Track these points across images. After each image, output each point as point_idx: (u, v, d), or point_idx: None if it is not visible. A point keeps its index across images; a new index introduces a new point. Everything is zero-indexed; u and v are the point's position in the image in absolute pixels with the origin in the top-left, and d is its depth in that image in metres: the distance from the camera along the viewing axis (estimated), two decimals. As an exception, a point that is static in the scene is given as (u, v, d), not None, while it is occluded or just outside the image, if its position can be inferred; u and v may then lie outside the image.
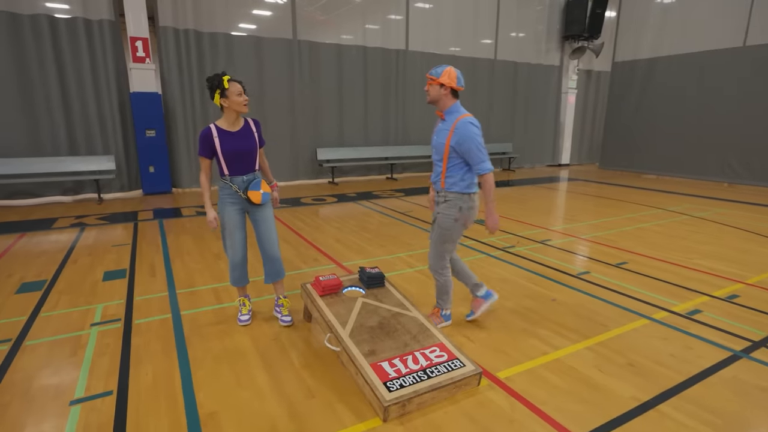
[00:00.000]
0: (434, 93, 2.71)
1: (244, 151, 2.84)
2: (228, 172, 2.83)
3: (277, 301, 3.18)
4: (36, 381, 2.40)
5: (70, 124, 7.59)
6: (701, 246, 5.07)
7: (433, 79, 2.69)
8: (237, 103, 2.71)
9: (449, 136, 2.69)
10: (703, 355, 2.72)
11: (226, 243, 2.97)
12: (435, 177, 2.87)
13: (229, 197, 2.88)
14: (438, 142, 2.80)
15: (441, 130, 2.78)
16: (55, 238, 5.34)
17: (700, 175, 10.51)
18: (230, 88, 2.68)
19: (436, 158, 2.83)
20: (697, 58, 10.29)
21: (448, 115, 2.75)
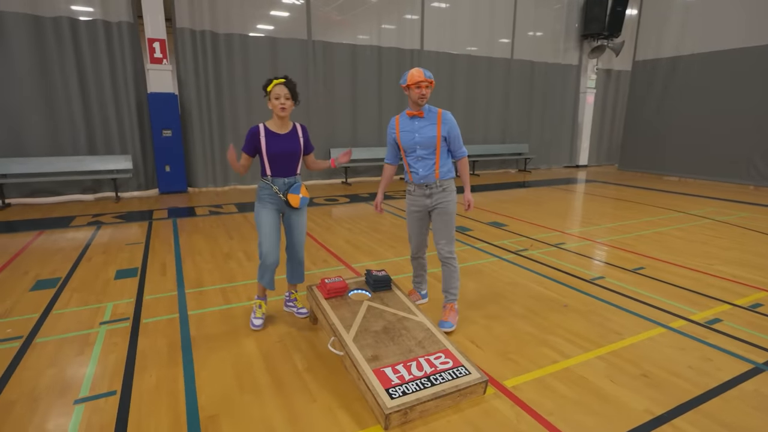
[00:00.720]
0: (429, 94, 2.84)
1: (288, 153, 2.87)
2: (270, 172, 2.87)
3: (289, 296, 3.27)
4: (43, 379, 2.42)
5: (89, 124, 7.75)
6: (723, 252, 4.88)
7: (431, 82, 2.81)
8: (273, 105, 2.77)
9: (438, 127, 2.85)
10: (723, 367, 2.60)
11: (260, 244, 2.92)
12: (426, 171, 2.91)
13: (268, 197, 2.89)
14: (427, 137, 2.87)
15: (424, 127, 2.88)
16: (72, 235, 5.44)
17: (724, 177, 10.17)
18: (272, 92, 2.75)
19: (424, 153, 2.90)
20: (721, 57, 9.96)
21: (427, 112, 2.90)
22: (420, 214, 3.07)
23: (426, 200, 2.99)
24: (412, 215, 3.11)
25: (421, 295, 3.46)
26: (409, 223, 3.17)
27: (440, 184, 2.94)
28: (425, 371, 2.29)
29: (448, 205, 2.96)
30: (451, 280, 3.07)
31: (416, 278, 3.45)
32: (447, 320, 3.01)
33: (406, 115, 2.94)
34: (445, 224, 2.99)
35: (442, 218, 2.98)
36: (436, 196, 2.95)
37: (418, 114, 2.88)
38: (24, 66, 7.09)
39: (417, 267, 3.39)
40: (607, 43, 12.29)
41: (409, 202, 3.10)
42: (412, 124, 2.91)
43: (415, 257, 3.33)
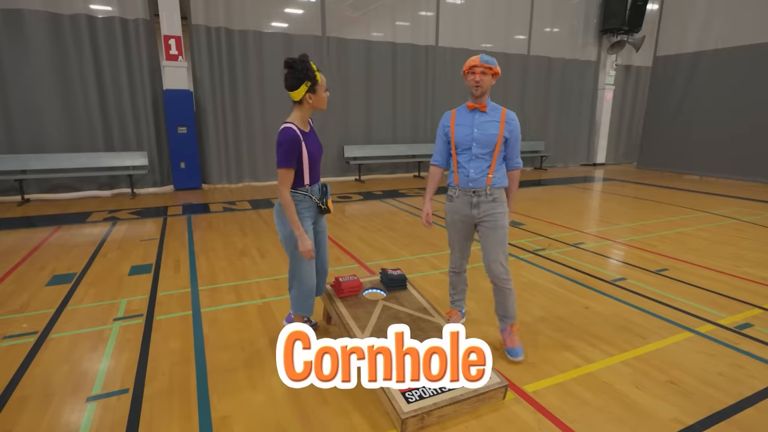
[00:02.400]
0: (488, 84, 2.44)
1: (319, 154, 2.50)
2: (309, 181, 2.43)
3: (314, 324, 2.97)
4: (56, 376, 2.41)
5: (106, 121, 7.82)
6: (751, 253, 4.70)
7: (491, 68, 2.41)
8: (324, 99, 2.35)
9: (501, 126, 2.48)
10: (756, 374, 2.47)
11: (302, 267, 2.48)
12: (477, 174, 2.51)
13: (307, 211, 2.45)
14: (487, 134, 2.48)
15: (486, 122, 2.49)
16: (89, 231, 5.48)
17: (749, 176, 9.84)
18: (321, 83, 2.31)
19: (481, 152, 2.50)
20: (746, 52, 9.62)
21: (489, 106, 2.51)
22: (463, 224, 2.66)
23: (471, 210, 2.57)
24: (454, 225, 2.70)
25: (461, 314, 3.03)
26: (451, 234, 2.78)
27: (490, 192, 2.53)
28: (442, 374, 2.21)
29: (499, 218, 2.55)
30: (507, 302, 2.64)
31: (456, 295, 2.99)
32: (515, 346, 2.61)
33: (465, 108, 2.56)
34: (498, 241, 2.56)
35: (493, 234, 2.56)
36: (484, 207, 2.55)
37: (480, 107, 2.50)
38: (43, 63, 7.17)
39: (458, 282, 2.94)
40: (626, 39, 12.00)
41: (451, 209, 2.68)
42: (471, 118, 2.53)
43: (458, 271, 2.89)
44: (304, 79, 2.27)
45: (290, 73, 2.28)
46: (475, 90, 2.45)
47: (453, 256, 2.86)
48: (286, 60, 2.29)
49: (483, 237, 2.62)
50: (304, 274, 2.51)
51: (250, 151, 9.06)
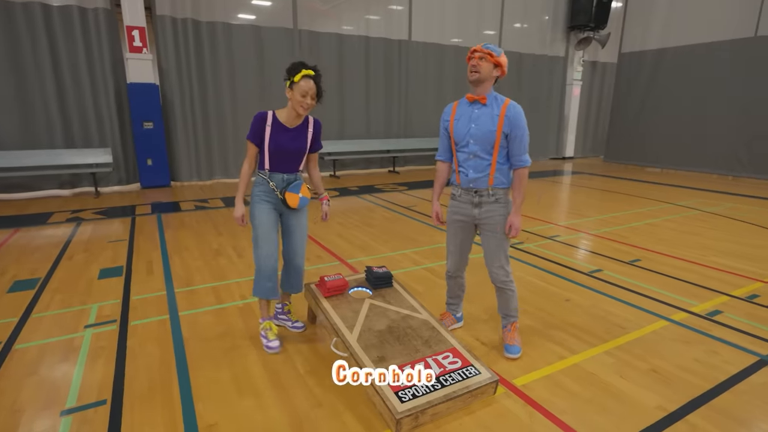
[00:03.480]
0: (486, 71, 2.28)
1: (293, 150, 2.56)
2: (269, 167, 2.57)
3: (282, 308, 2.91)
4: (25, 389, 2.26)
5: (65, 116, 7.42)
6: (716, 242, 4.92)
7: (491, 55, 2.27)
8: (296, 101, 2.43)
9: (500, 120, 2.31)
10: (729, 360, 2.59)
11: (256, 245, 2.60)
12: (477, 173, 2.40)
13: (264, 194, 2.60)
14: (484, 131, 2.34)
15: (483, 116, 2.34)
16: (51, 233, 5.19)
17: (706, 168, 10.34)
18: (299, 83, 2.39)
19: (479, 149, 2.37)
20: (706, 49, 10.07)
21: (490, 100, 2.36)
22: (464, 224, 2.57)
23: (473, 210, 2.48)
24: (453, 225, 2.61)
25: (456, 318, 2.94)
26: (449, 235, 2.67)
27: (493, 192, 2.41)
28: (434, 372, 2.20)
29: (501, 220, 2.44)
30: (509, 303, 2.64)
31: (452, 299, 2.90)
32: (514, 344, 2.61)
33: (465, 100, 2.42)
34: (499, 244, 2.49)
35: (494, 237, 2.48)
36: (486, 207, 2.44)
37: (480, 99, 2.34)
38: (-6, 54, 6.72)
39: (454, 287, 2.84)
40: (593, 35, 12.32)
41: (452, 209, 2.59)
42: (470, 112, 2.39)
43: (453, 276, 2.78)
44: (288, 75, 2.45)
45: (286, 69, 2.49)
46: (470, 75, 2.32)
47: (450, 259, 2.73)
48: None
49: (484, 239, 2.55)
50: (260, 255, 2.58)
51: (221, 146, 8.80)
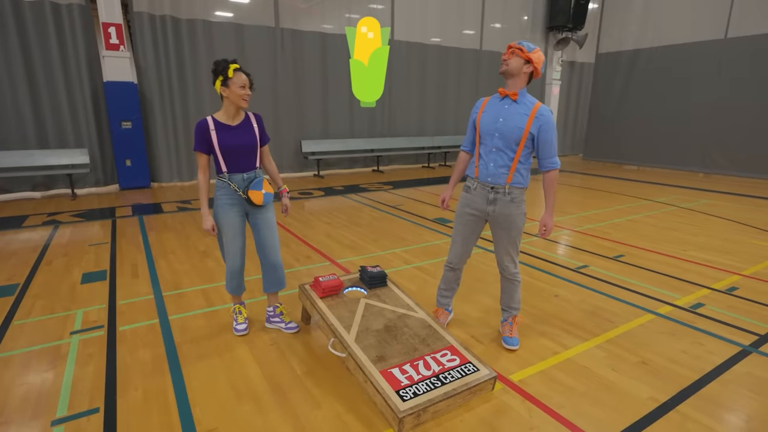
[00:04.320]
0: (515, 66, 2.31)
1: (244, 145, 2.58)
2: (226, 169, 2.57)
3: (274, 311, 2.90)
4: (12, 399, 2.18)
5: (38, 116, 7.15)
6: (694, 237, 5.09)
7: (522, 50, 2.30)
8: (237, 95, 2.46)
9: (530, 120, 2.32)
10: (714, 351, 2.68)
11: (223, 249, 2.71)
12: (498, 168, 2.41)
13: (227, 198, 2.60)
14: (511, 126, 2.35)
15: (514, 113, 2.36)
16: (27, 237, 5.00)
17: (680, 165, 10.68)
18: (234, 78, 2.44)
19: (503, 144, 2.38)
20: (679, 50, 10.39)
21: (522, 98, 2.38)
22: (474, 218, 2.58)
23: (486, 206, 2.49)
24: (463, 217, 2.61)
25: (448, 311, 2.97)
26: (457, 226, 2.67)
27: (509, 191, 2.43)
28: (433, 370, 2.21)
29: (515, 219, 2.47)
30: (514, 294, 2.71)
31: (446, 292, 2.90)
32: (513, 336, 2.69)
33: (497, 95, 2.45)
34: (511, 242, 2.54)
35: (507, 234, 2.52)
36: (500, 204, 2.45)
37: (510, 95, 2.37)
38: (-39, 51, 6.44)
39: (451, 280, 2.85)
40: (571, 36, 12.57)
41: (464, 201, 2.59)
42: (500, 107, 2.41)
43: (454, 267, 2.79)
44: (218, 74, 2.47)
45: (212, 69, 2.52)
46: (501, 68, 2.38)
47: (453, 250, 2.74)
48: (216, 60, 2.54)
49: (496, 235, 2.58)
50: (226, 253, 2.69)
51: (202, 146, 8.63)
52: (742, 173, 9.67)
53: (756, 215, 6.25)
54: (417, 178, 9.61)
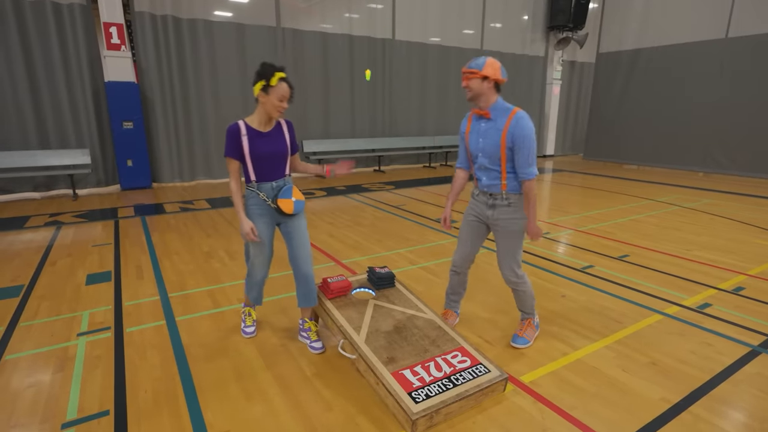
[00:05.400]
0: (476, 87, 2.34)
1: (275, 153, 2.49)
2: (255, 177, 2.48)
3: (303, 324, 2.76)
4: (21, 402, 2.16)
5: (39, 116, 7.13)
6: (698, 237, 5.09)
7: (474, 73, 2.32)
8: (273, 106, 2.36)
9: (503, 136, 2.35)
10: (723, 351, 2.68)
11: (249, 257, 2.64)
12: (490, 181, 2.48)
13: (257, 207, 2.51)
14: (489, 144, 2.40)
15: (489, 130, 2.40)
16: (30, 237, 4.98)
17: (681, 165, 10.69)
18: (276, 87, 2.32)
19: (488, 162, 2.45)
20: (680, 50, 10.40)
21: (494, 111, 2.39)
22: (477, 222, 2.64)
23: (487, 211, 2.55)
24: (467, 220, 2.69)
25: (456, 314, 3.01)
26: (463, 230, 2.73)
27: (506, 197, 2.47)
28: (444, 371, 2.21)
29: (512, 224, 2.50)
30: (524, 301, 2.71)
31: (453, 296, 2.94)
32: (522, 335, 2.71)
33: (474, 113, 2.50)
34: (509, 247, 2.57)
35: (506, 240, 2.55)
36: (499, 210, 2.50)
37: (483, 114, 2.41)
38: (-38, 51, 6.41)
39: (456, 284, 2.88)
40: (572, 35, 12.57)
41: (469, 206, 2.68)
42: (479, 126, 2.46)
43: (457, 271, 2.82)
44: (261, 77, 2.34)
45: (256, 71, 2.38)
46: (466, 95, 2.41)
47: (456, 252, 2.79)
48: (263, 62, 2.41)
49: (497, 241, 2.62)
50: (253, 263, 2.64)
51: (203, 146, 8.62)
52: (743, 173, 9.68)
53: (758, 215, 6.26)
54: (418, 177, 9.60)
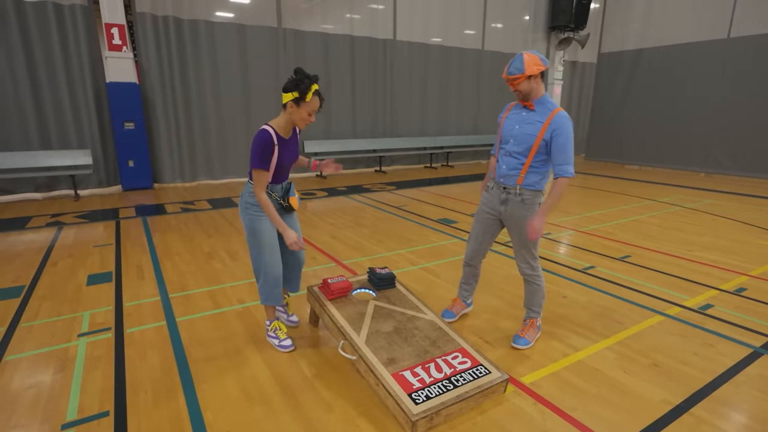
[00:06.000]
0: (526, 88, 2.37)
1: (294, 159, 2.60)
2: (272, 180, 2.53)
3: (285, 307, 3.00)
4: (21, 403, 2.16)
5: (41, 117, 7.13)
6: (700, 238, 5.08)
7: (518, 78, 2.34)
8: (302, 119, 2.39)
9: (543, 127, 2.37)
10: (725, 352, 2.67)
11: (264, 259, 2.56)
12: (509, 170, 2.51)
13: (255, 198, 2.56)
14: (525, 133, 2.43)
15: (529, 121, 2.43)
16: (31, 238, 4.99)
17: (682, 165, 10.67)
18: (309, 102, 2.34)
19: (516, 150, 2.47)
20: (682, 50, 10.37)
21: (539, 105, 2.42)
22: (489, 216, 2.69)
23: (500, 206, 2.59)
24: (480, 214, 2.75)
25: (466, 304, 3.09)
26: (475, 224, 2.80)
27: (520, 192, 2.50)
28: (445, 372, 2.20)
29: (525, 221, 2.51)
30: (534, 297, 2.73)
31: (465, 286, 3.03)
32: (524, 336, 2.71)
33: (518, 103, 2.55)
34: (523, 244, 2.59)
35: (518, 235, 2.58)
36: (511, 204, 2.54)
37: (528, 105, 2.45)
38: (-36, 52, 6.42)
39: (468, 275, 2.97)
40: (573, 36, 12.55)
41: (482, 200, 2.73)
42: (519, 114, 2.50)
43: (469, 263, 2.91)
44: (295, 88, 2.32)
45: (290, 78, 2.35)
46: (517, 96, 2.47)
47: (468, 246, 2.88)
48: (298, 67, 2.38)
49: (511, 236, 2.67)
50: (267, 263, 2.56)
51: (204, 147, 8.61)
52: (745, 173, 9.66)
53: (760, 215, 6.24)
54: (419, 178, 9.59)
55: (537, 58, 2.35)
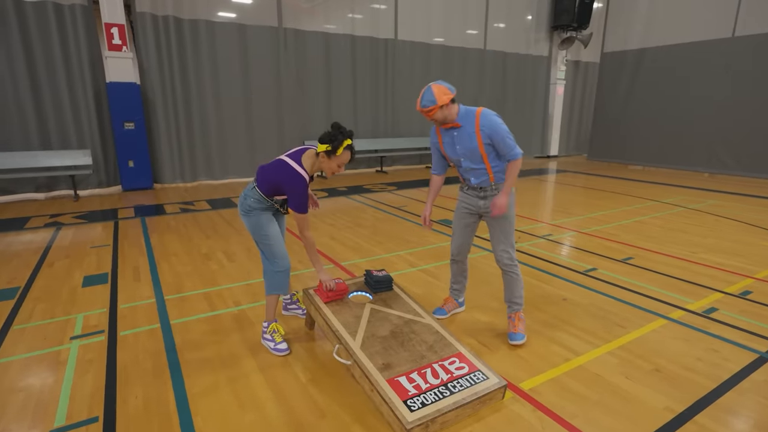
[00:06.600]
0: (440, 116, 2.51)
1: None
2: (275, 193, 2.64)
3: (291, 298, 3.14)
4: (9, 407, 2.12)
5: (41, 117, 7.13)
6: (703, 239, 5.00)
7: (431, 109, 2.46)
8: (331, 170, 2.51)
9: (478, 135, 2.50)
10: (730, 357, 2.60)
11: (275, 250, 2.60)
12: (478, 180, 2.66)
13: (261, 204, 2.60)
14: (468, 149, 2.56)
15: (463, 136, 2.55)
16: (29, 238, 4.97)
17: (686, 165, 10.58)
18: (340, 156, 2.45)
19: (473, 165, 2.61)
20: (685, 49, 10.28)
21: (462, 119, 2.54)
22: (469, 212, 2.81)
23: (479, 201, 2.72)
24: (460, 212, 2.86)
25: (458, 303, 3.15)
26: (455, 221, 2.91)
27: (496, 186, 2.65)
28: (441, 378, 2.15)
29: (508, 209, 2.64)
30: (514, 288, 2.79)
31: (455, 284, 3.10)
32: (517, 332, 2.75)
33: (442, 127, 2.65)
34: (503, 230, 2.70)
35: (499, 224, 2.69)
36: (490, 198, 2.68)
37: (453, 125, 2.56)
38: (-37, 52, 6.42)
39: (456, 272, 3.05)
40: (576, 35, 12.47)
41: (461, 199, 2.85)
42: (451, 135, 2.61)
43: (456, 260, 3.00)
44: (329, 142, 2.44)
45: (326, 131, 2.47)
46: (435, 123, 2.60)
47: (452, 242, 2.97)
48: (335, 122, 2.52)
49: (490, 228, 2.76)
50: (279, 256, 2.62)
51: (204, 147, 8.59)
52: (748, 173, 9.56)
53: (764, 216, 6.16)
54: (420, 178, 9.54)
55: (445, 88, 2.46)
